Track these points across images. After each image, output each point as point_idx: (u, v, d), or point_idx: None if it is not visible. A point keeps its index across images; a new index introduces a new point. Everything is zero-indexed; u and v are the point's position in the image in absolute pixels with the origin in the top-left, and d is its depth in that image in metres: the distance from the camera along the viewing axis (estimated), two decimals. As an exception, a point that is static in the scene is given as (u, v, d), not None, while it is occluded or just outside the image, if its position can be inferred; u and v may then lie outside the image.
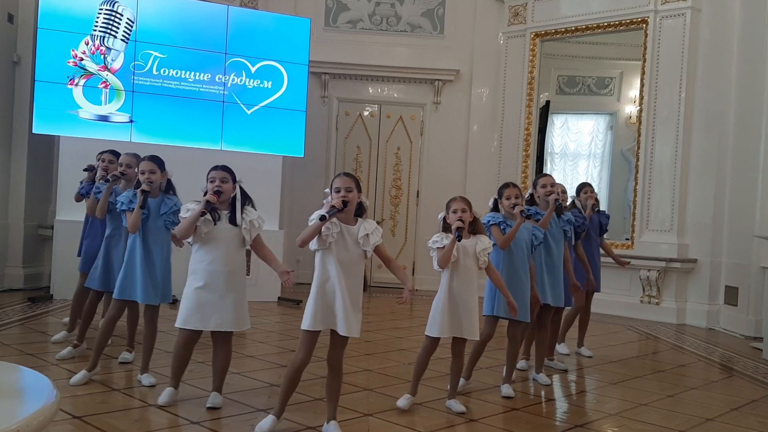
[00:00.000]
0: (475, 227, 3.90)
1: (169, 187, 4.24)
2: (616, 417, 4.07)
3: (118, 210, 4.22)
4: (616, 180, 10.88)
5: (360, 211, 3.41)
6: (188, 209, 3.61)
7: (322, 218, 3.19)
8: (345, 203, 3.27)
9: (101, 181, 4.82)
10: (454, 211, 3.81)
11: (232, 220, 3.66)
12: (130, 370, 4.45)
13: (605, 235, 5.99)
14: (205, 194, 3.64)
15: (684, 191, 8.14)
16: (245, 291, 3.75)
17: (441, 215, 3.92)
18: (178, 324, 3.65)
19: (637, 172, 8.51)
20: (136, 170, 4.36)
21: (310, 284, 3.37)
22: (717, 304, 7.89)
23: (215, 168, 3.71)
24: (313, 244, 3.29)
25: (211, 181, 3.64)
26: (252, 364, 4.84)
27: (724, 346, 6.73)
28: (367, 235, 3.35)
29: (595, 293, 5.82)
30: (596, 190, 5.96)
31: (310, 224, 3.26)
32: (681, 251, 8.04)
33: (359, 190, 3.38)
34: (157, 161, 4.15)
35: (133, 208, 4.02)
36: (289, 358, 5.11)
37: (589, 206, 5.64)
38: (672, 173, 8.16)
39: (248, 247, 3.77)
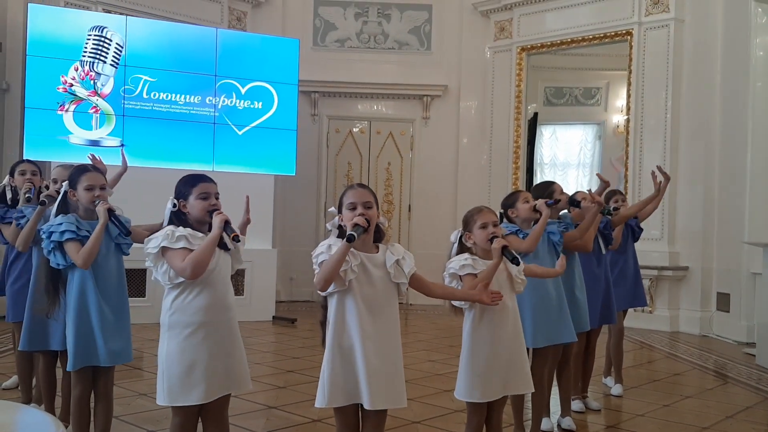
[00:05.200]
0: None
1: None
2: (613, 429, 4.10)
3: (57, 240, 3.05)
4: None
5: (378, 236, 2.65)
6: (179, 236, 2.64)
7: (350, 238, 2.39)
8: (368, 222, 2.53)
9: (25, 203, 3.89)
10: (483, 227, 2.88)
11: (223, 245, 2.71)
12: (124, 396, 4.40)
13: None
14: (177, 210, 2.72)
15: (673, 199, 8.20)
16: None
17: (455, 234, 3.01)
18: (167, 401, 2.60)
19: (626, 181, 8.59)
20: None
21: (305, 302, 2.85)
22: (709, 311, 7.94)
23: (204, 179, 2.78)
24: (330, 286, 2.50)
25: (203, 198, 2.71)
26: (249, 386, 4.82)
27: (718, 352, 6.78)
28: (398, 261, 2.58)
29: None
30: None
31: (315, 262, 2.51)
32: (672, 259, 8.10)
33: (378, 207, 2.65)
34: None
35: (82, 236, 3.05)
36: (286, 379, 5.15)
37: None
38: (661, 182, 8.22)
39: (241, 266, 2.80)
